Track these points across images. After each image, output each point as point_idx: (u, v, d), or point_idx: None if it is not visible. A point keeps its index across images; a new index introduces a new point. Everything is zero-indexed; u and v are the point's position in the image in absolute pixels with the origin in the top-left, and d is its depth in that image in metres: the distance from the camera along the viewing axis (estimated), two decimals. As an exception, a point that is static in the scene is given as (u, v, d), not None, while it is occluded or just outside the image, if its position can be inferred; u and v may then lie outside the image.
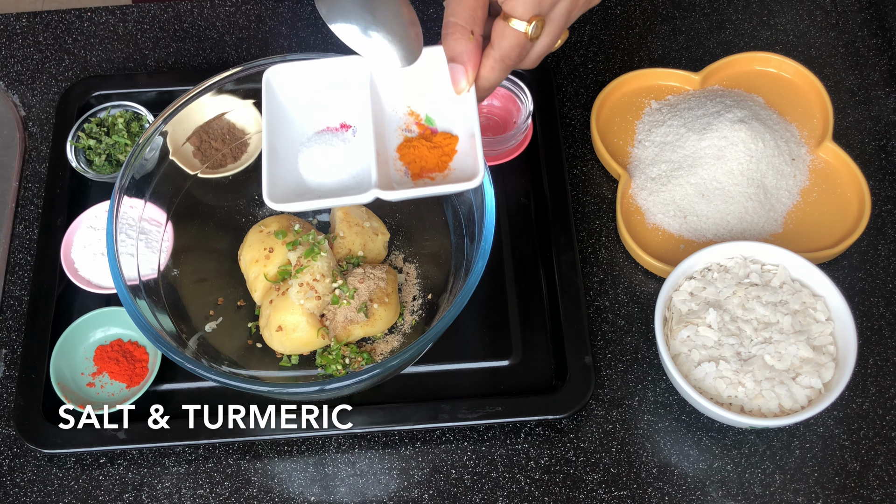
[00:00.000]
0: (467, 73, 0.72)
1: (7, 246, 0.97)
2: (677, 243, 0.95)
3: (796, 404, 0.81)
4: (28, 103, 1.06)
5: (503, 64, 0.72)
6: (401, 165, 0.76)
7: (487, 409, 0.85)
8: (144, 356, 0.89)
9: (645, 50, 1.08)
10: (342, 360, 0.86)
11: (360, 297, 0.86)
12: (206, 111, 0.88)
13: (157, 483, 0.85)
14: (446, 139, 0.76)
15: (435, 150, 0.76)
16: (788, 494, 0.84)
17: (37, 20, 1.11)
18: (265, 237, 0.89)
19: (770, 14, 1.10)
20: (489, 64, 0.72)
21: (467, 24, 0.70)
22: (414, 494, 0.84)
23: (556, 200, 0.95)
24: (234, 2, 1.11)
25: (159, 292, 0.84)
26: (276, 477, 0.85)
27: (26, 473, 0.86)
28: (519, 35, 0.70)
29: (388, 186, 0.73)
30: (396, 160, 0.76)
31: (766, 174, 0.94)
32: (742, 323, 0.84)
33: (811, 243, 0.94)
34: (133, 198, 0.83)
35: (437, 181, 0.75)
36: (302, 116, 0.78)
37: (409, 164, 0.76)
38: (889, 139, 1.01)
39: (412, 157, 0.76)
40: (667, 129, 0.98)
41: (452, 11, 0.71)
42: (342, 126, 0.78)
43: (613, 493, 0.84)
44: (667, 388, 0.89)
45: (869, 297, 0.92)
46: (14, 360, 0.91)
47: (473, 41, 0.71)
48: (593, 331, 0.91)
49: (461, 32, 0.71)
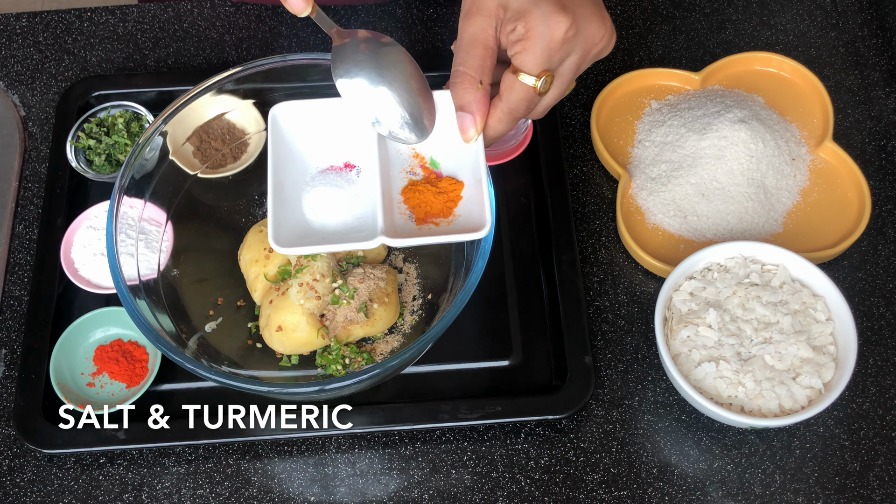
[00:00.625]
0: (476, 123, 0.72)
1: (7, 246, 0.97)
2: (677, 243, 0.95)
3: (796, 404, 0.81)
4: (28, 103, 1.06)
5: (511, 116, 0.73)
6: (405, 209, 0.76)
7: (487, 409, 0.85)
8: (144, 356, 0.89)
9: (645, 50, 1.08)
10: (342, 360, 0.86)
11: (360, 297, 0.86)
12: (206, 111, 0.88)
13: (157, 483, 0.85)
14: (452, 184, 0.76)
15: (440, 195, 0.75)
16: (788, 494, 0.84)
17: (37, 20, 1.11)
18: (265, 237, 0.89)
19: (770, 14, 1.10)
20: (497, 115, 0.72)
21: (476, 73, 0.71)
22: (414, 494, 0.84)
23: (556, 200, 0.95)
24: (234, 2, 1.11)
25: (159, 292, 0.84)
26: (276, 477, 0.85)
27: (26, 473, 0.86)
28: (528, 89, 0.71)
29: (393, 231, 0.73)
30: (400, 203, 0.76)
31: (766, 174, 0.94)
32: (742, 323, 0.84)
33: (811, 243, 0.94)
34: (133, 198, 0.83)
35: (441, 227, 0.75)
36: (307, 154, 0.78)
37: (414, 209, 0.76)
38: (889, 139, 1.01)
39: (417, 201, 0.76)
40: (667, 129, 0.98)
41: (462, 61, 0.71)
42: (346, 166, 0.78)
43: (613, 493, 0.84)
44: (667, 388, 0.89)
45: (869, 297, 0.92)
46: (14, 360, 0.91)
47: (482, 91, 0.71)
48: (593, 331, 0.91)
49: (470, 82, 0.71)
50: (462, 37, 0.72)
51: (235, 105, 0.89)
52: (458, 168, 0.77)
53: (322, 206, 0.77)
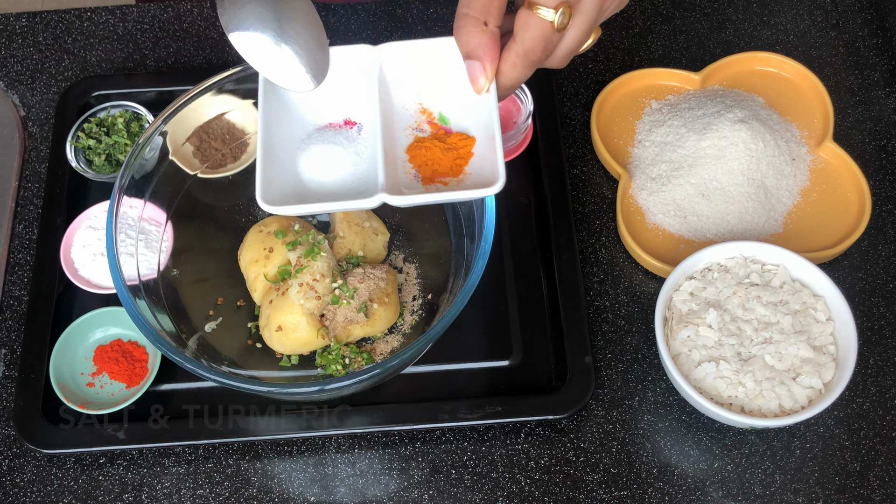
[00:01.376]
0: (486, 70, 0.65)
1: (7, 246, 0.97)
2: (677, 243, 0.95)
3: (796, 404, 0.81)
4: (28, 103, 1.06)
5: (527, 59, 0.65)
6: (410, 168, 0.70)
7: (487, 409, 0.85)
8: (144, 356, 0.89)
9: (645, 50, 1.08)
10: (342, 360, 0.86)
11: (360, 297, 0.86)
12: (206, 111, 0.88)
13: (157, 483, 0.85)
14: (462, 140, 0.70)
15: (449, 152, 0.69)
16: (789, 494, 0.84)
17: (37, 20, 1.11)
18: (265, 237, 0.89)
19: (770, 14, 1.10)
20: (511, 59, 0.65)
21: (480, 14, 0.63)
22: (414, 494, 0.84)
23: (556, 200, 0.95)
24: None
25: (159, 292, 0.84)
26: (276, 477, 0.85)
27: (26, 473, 0.86)
28: (545, 24, 0.63)
29: (396, 191, 0.67)
30: (405, 162, 0.70)
31: (766, 174, 0.94)
32: (742, 323, 0.84)
33: (811, 243, 0.94)
34: (133, 198, 0.83)
35: (450, 186, 0.68)
36: (302, 111, 0.73)
37: (420, 167, 0.70)
38: (889, 139, 1.01)
39: (423, 158, 0.70)
40: (667, 129, 0.98)
41: (464, 2, 0.65)
42: (346, 123, 0.73)
43: (613, 493, 0.84)
44: (667, 388, 0.89)
45: (869, 297, 0.92)
46: (14, 360, 0.91)
47: (488, 33, 0.64)
48: (593, 331, 0.91)
49: (473, 24, 0.63)
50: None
51: (235, 105, 0.89)
52: (470, 123, 0.70)
53: (319, 165, 0.71)
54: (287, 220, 0.91)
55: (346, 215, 0.91)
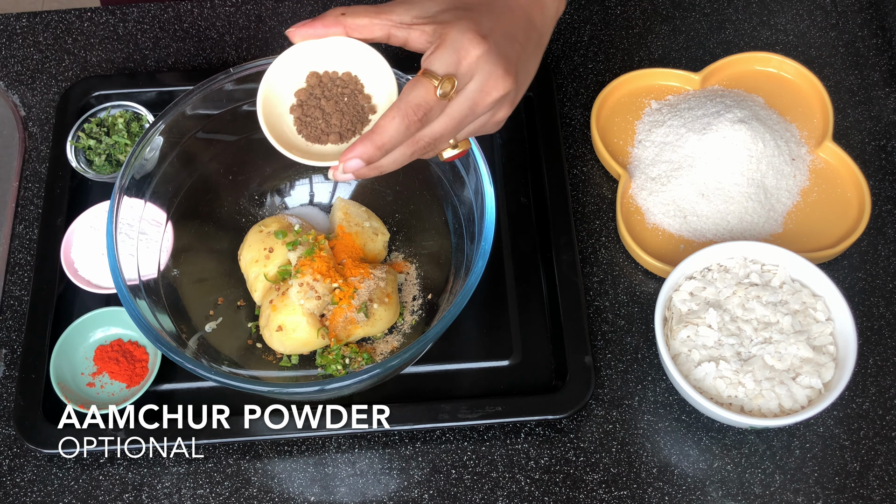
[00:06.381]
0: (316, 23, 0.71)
1: (7, 246, 0.97)
2: (677, 243, 0.95)
3: (796, 404, 0.81)
4: (28, 103, 1.06)
5: (404, 117, 0.67)
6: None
7: (487, 409, 0.85)
8: (144, 356, 0.89)
9: (645, 50, 1.08)
10: (342, 360, 0.86)
11: (360, 297, 0.86)
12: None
13: (157, 483, 0.85)
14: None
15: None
16: (788, 494, 0.84)
17: (37, 20, 1.11)
18: (265, 237, 0.89)
19: (770, 14, 1.10)
20: (391, 114, 0.67)
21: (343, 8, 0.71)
22: (414, 494, 0.84)
23: (556, 200, 0.95)
24: (234, 2, 1.11)
25: (159, 292, 0.84)
26: (276, 477, 0.85)
27: (26, 473, 0.86)
28: (429, 87, 0.67)
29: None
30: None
31: (766, 174, 0.94)
32: (742, 323, 0.84)
33: (811, 243, 0.94)
34: (133, 198, 0.83)
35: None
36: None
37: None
38: (889, 139, 1.01)
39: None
40: (667, 129, 0.98)
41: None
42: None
43: (613, 493, 0.84)
44: (667, 388, 0.89)
45: (869, 297, 0.92)
46: (14, 360, 0.91)
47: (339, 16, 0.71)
48: (593, 331, 0.91)
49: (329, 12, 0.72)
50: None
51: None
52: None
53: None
54: (287, 221, 0.91)
55: (346, 215, 0.91)
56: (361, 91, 0.74)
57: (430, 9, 0.70)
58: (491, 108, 0.70)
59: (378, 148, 0.68)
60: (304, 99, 0.74)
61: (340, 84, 0.74)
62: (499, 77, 0.68)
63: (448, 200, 0.89)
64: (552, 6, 0.75)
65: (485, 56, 0.68)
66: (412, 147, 0.69)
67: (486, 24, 0.69)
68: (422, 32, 0.69)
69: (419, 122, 0.68)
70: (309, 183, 0.97)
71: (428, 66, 0.68)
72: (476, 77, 0.68)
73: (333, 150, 0.73)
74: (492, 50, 0.68)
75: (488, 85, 0.69)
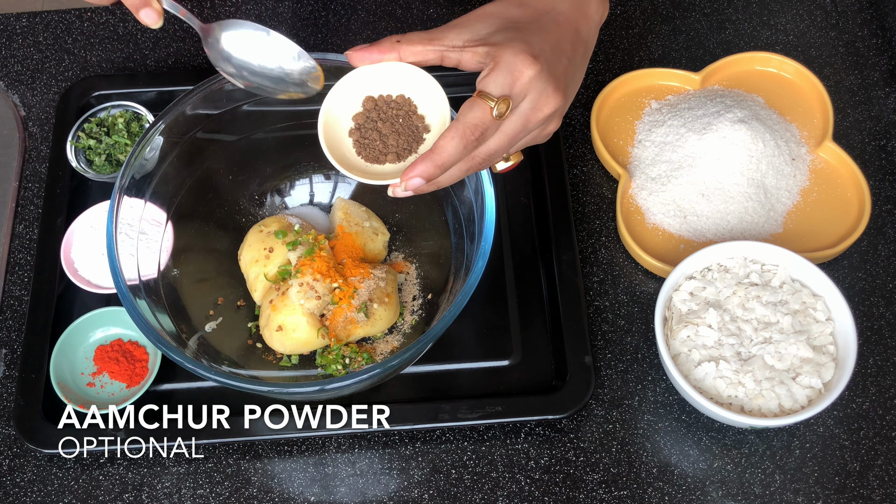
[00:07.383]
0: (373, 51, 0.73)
1: (7, 246, 0.97)
2: (677, 243, 0.95)
3: (796, 404, 0.81)
4: (28, 103, 1.06)
5: (463, 137, 0.70)
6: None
7: (487, 409, 0.85)
8: (144, 356, 0.89)
9: (645, 50, 1.08)
10: (342, 360, 0.86)
11: (360, 297, 0.86)
12: (206, 111, 0.88)
13: (157, 483, 0.85)
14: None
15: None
16: (788, 494, 0.84)
17: (37, 20, 1.11)
18: (265, 237, 0.89)
19: (770, 14, 1.10)
20: (450, 133, 0.70)
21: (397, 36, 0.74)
22: (414, 494, 0.84)
23: (556, 200, 0.95)
24: (234, 2, 1.11)
25: (159, 292, 0.84)
26: (276, 477, 0.85)
27: (26, 473, 0.86)
28: (485, 108, 0.70)
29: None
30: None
31: (766, 174, 0.94)
32: (742, 323, 0.84)
33: (811, 243, 0.94)
34: (133, 198, 0.83)
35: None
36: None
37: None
38: (889, 139, 1.01)
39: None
40: (667, 129, 0.98)
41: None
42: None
43: (613, 493, 0.84)
44: (667, 388, 0.89)
45: (869, 297, 0.92)
46: (14, 360, 0.91)
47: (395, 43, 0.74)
48: (593, 331, 0.91)
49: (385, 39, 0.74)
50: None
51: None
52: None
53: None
54: (287, 220, 0.91)
55: (346, 215, 0.92)
56: (415, 112, 0.76)
57: (481, 31, 0.73)
58: (542, 123, 0.73)
59: (438, 166, 0.70)
60: (361, 122, 0.76)
61: (395, 106, 0.76)
62: (549, 94, 0.71)
63: (448, 200, 0.89)
64: (596, 15, 0.79)
65: (537, 76, 0.70)
66: (468, 164, 0.72)
67: (537, 43, 0.72)
68: (474, 54, 0.72)
69: (476, 141, 0.70)
70: (309, 183, 0.97)
71: (483, 88, 0.70)
72: (529, 96, 0.71)
73: (392, 169, 0.75)
74: (543, 69, 0.71)
75: (540, 102, 0.71)
